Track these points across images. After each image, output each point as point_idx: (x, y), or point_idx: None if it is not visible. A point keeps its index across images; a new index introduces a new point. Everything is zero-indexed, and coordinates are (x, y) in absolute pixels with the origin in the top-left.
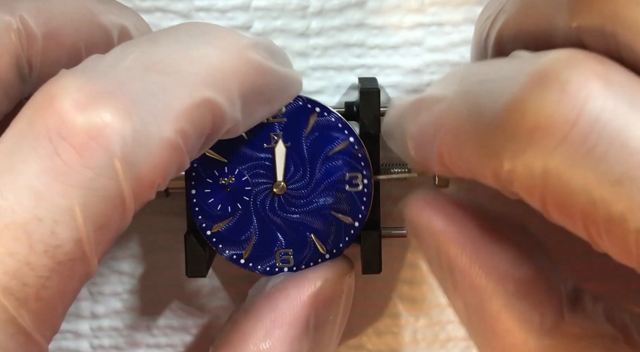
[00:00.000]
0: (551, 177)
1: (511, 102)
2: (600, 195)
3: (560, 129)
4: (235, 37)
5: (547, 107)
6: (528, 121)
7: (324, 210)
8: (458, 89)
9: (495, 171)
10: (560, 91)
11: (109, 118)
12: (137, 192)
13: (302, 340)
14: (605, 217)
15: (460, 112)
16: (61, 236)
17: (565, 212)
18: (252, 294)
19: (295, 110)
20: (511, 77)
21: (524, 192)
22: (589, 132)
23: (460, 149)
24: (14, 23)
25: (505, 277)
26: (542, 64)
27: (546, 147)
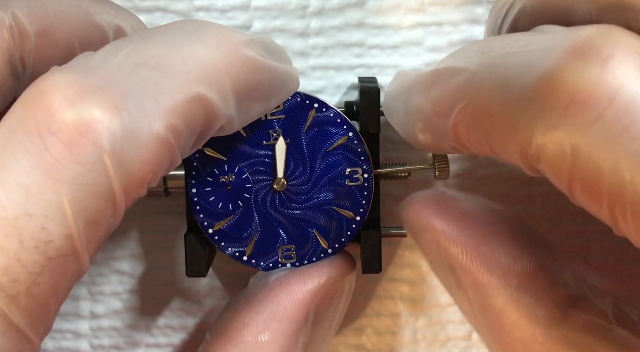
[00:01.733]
0: (582, 155)
1: (546, 74)
2: (630, 175)
3: (598, 105)
4: (228, 34)
5: (586, 82)
6: (564, 95)
7: (325, 205)
8: (481, 62)
9: (522, 147)
10: (600, 66)
11: (98, 114)
12: (127, 188)
13: (300, 334)
14: (633, 199)
15: (483, 84)
16: (51, 232)
17: (592, 193)
18: (254, 283)
19: (293, 107)
20: (545, 50)
21: (551, 170)
22: (625, 111)
23: (482, 124)
24: (7, 20)
25: (507, 272)
26: (581, 37)
27: (581, 123)
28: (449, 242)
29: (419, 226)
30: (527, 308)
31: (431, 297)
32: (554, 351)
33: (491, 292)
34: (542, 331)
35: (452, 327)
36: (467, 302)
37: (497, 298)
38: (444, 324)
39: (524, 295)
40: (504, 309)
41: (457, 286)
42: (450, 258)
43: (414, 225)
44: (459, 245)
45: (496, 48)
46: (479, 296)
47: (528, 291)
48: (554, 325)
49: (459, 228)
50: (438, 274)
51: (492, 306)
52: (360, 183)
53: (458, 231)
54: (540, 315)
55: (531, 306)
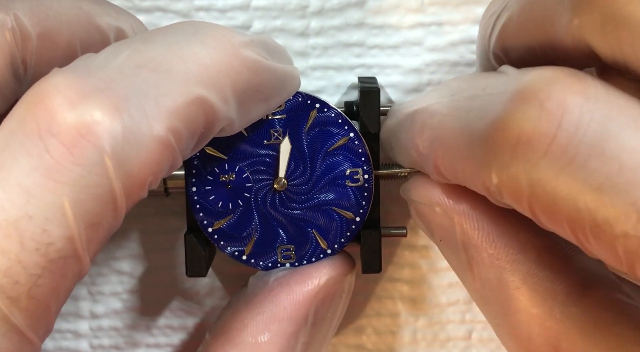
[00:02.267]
0: (537, 188)
1: (496, 119)
2: (584, 202)
3: (542, 142)
4: (229, 35)
5: (528, 123)
6: (511, 137)
7: (325, 206)
8: (449, 104)
9: (485, 184)
10: (539, 108)
11: (99, 116)
12: (128, 190)
13: (299, 335)
14: (591, 224)
15: (451, 127)
16: (52, 234)
17: (554, 220)
18: (253, 283)
19: (295, 107)
20: (496, 94)
21: (513, 203)
22: (568, 144)
23: (453, 162)
24: (9, 22)
25: (526, 245)
26: (523, 82)
27: (530, 160)
28: (463, 217)
29: (429, 202)
30: (546, 283)
31: (431, 297)
32: (573, 329)
33: (508, 267)
34: (560, 307)
35: (452, 327)
36: (478, 281)
37: (514, 273)
38: (444, 324)
39: (543, 270)
40: (521, 284)
41: (468, 265)
42: (464, 234)
43: (423, 201)
44: (474, 219)
45: (463, 90)
46: (493, 273)
47: (547, 265)
48: (573, 301)
49: (471, 203)
50: (447, 254)
51: (508, 282)
52: (360, 184)
53: (472, 206)
54: (559, 290)
55: (550, 281)
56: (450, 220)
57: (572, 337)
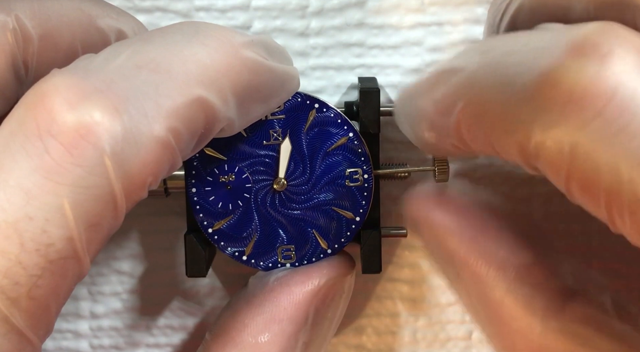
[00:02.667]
0: (580, 153)
1: (546, 72)
2: (628, 174)
3: (596, 102)
4: (229, 36)
5: (584, 79)
6: (563, 92)
7: (325, 206)
8: (481, 61)
9: (521, 145)
10: (599, 63)
11: (99, 116)
12: (128, 191)
13: (299, 335)
14: (630, 198)
15: (484, 83)
16: (52, 234)
17: (590, 191)
18: (253, 283)
19: (294, 107)
20: (544, 48)
21: (549, 168)
22: (624, 109)
23: (483, 122)
24: (10, 23)
25: (505, 264)
26: (580, 34)
27: (579, 121)
28: (448, 235)
29: (418, 219)
30: (525, 300)
31: (431, 297)
32: (552, 342)
33: (489, 284)
34: (540, 322)
35: (452, 327)
36: (466, 294)
37: (495, 290)
38: (444, 324)
39: (521, 287)
40: (502, 300)
41: (456, 279)
42: (449, 251)
43: (413, 218)
44: (457, 237)
45: (496, 47)
46: (477, 288)
47: (526, 282)
48: (552, 316)
49: (457, 221)
50: (439, 266)
51: (490, 297)
52: (360, 184)
53: (456, 224)
54: (538, 306)
55: (529, 298)
56: (437, 236)
57: (553, 351)
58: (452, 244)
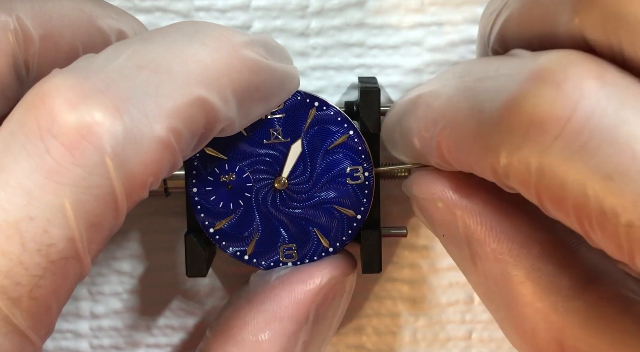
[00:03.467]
0: (546, 172)
1: (509, 99)
2: (592, 189)
3: (555, 125)
4: (229, 35)
5: (543, 105)
6: (524, 118)
7: (326, 204)
8: (458, 86)
9: (492, 166)
10: (556, 90)
11: (100, 116)
12: (129, 191)
13: (300, 334)
14: (597, 212)
15: (459, 108)
16: (53, 235)
17: (560, 207)
18: (255, 281)
19: (294, 106)
20: (510, 75)
21: (520, 186)
22: (582, 129)
23: (459, 144)
24: (11, 23)
25: (529, 239)
26: (540, 63)
27: (541, 143)
28: (466, 212)
29: (432, 197)
30: (549, 278)
31: (431, 297)
32: (576, 323)
33: (512, 262)
34: (564, 301)
35: (452, 327)
36: (482, 276)
37: (518, 268)
38: (444, 324)
39: (546, 264)
40: (525, 278)
41: (471, 260)
42: (467, 229)
43: (426, 197)
44: (477, 214)
45: (472, 72)
46: (496, 267)
47: (550, 259)
48: (577, 295)
49: (474, 198)
50: (450, 249)
51: (512, 276)
52: (361, 181)
53: (475, 201)
54: (562, 284)
55: (553, 276)
56: (452, 215)
57: (575, 331)
58: (470, 222)
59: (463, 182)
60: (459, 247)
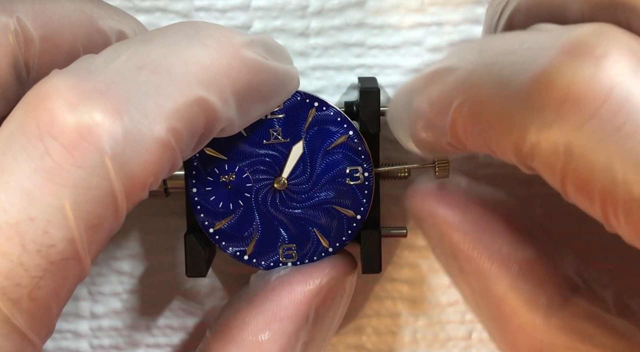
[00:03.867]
0: (575, 153)
1: (541, 72)
2: (623, 174)
3: (592, 103)
4: (229, 36)
5: (580, 80)
6: (558, 93)
7: (326, 204)
8: (477, 60)
9: (516, 145)
10: (594, 65)
11: (100, 117)
12: (129, 191)
13: (300, 334)
14: (625, 197)
15: (480, 82)
16: (54, 236)
17: (585, 191)
18: (255, 281)
19: (294, 106)
20: (540, 48)
21: (545, 168)
22: (619, 110)
23: (478, 121)
24: (12, 24)
25: (508, 259)
26: (576, 36)
27: (575, 122)
28: (451, 230)
29: (421, 213)
30: (527, 295)
31: (431, 297)
32: (553, 339)
33: (492, 279)
34: (542, 318)
35: (452, 327)
36: (469, 289)
37: (498, 285)
38: (444, 324)
39: (524, 282)
40: (505, 296)
41: (459, 274)
42: (452, 245)
43: (416, 213)
44: (461, 232)
45: (493, 46)
46: (480, 282)
47: (529, 278)
48: (554, 312)
49: (460, 216)
50: (441, 261)
51: (493, 293)
52: (360, 182)
53: (460, 219)
54: (540, 302)
55: (531, 293)
56: (440, 231)
57: (554, 347)
58: (456, 239)
59: (452, 199)
60: (448, 261)
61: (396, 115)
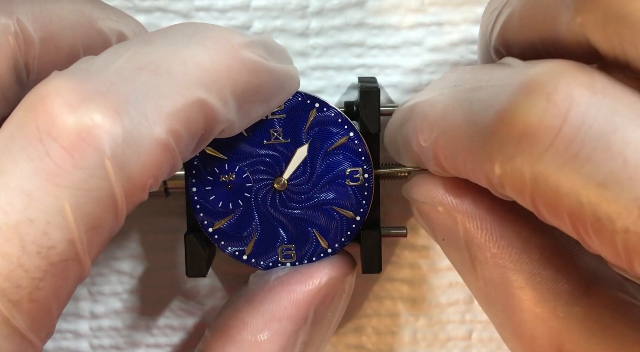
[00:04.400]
0: (539, 180)
1: (501, 110)
2: (586, 197)
3: (547, 135)
4: (228, 37)
5: (533, 116)
6: (516, 129)
7: (326, 205)
8: (452, 95)
9: (487, 175)
10: (546, 100)
11: (99, 119)
12: (128, 193)
13: (299, 334)
14: (592, 219)
15: (453, 118)
16: (53, 237)
17: (555, 214)
18: (254, 281)
19: (294, 106)
20: (501, 86)
21: (515, 195)
22: (573, 138)
23: (455, 153)
24: (12, 26)
25: (529, 245)
26: (530, 74)
27: (534, 153)
28: (466, 217)
29: (432, 201)
30: (549, 283)
31: (431, 297)
32: (574, 328)
33: (512, 267)
34: (563, 306)
35: (452, 327)
36: (481, 280)
37: (518, 273)
38: (444, 324)
39: (545, 269)
40: (525, 284)
41: (471, 264)
42: (467, 233)
43: (425, 200)
44: (477, 219)
45: (466, 81)
46: (496, 271)
47: (550, 265)
48: (576, 301)
49: (474, 202)
50: (450, 253)
51: (512, 281)
52: (360, 183)
53: (474, 206)
54: (562, 290)
55: (553, 281)
56: (453, 219)
57: (575, 337)
58: (471, 226)
59: (463, 187)
60: (459, 251)
61: (391, 142)
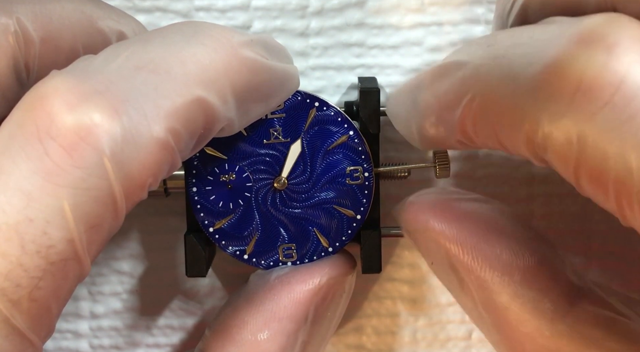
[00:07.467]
0: (588, 143)
1: (552, 62)
2: (637, 163)
3: (604, 92)
4: (228, 35)
5: (592, 69)
6: (570, 83)
7: (326, 204)
8: (486, 55)
9: (528, 137)
10: (606, 53)
11: (98, 118)
12: (128, 192)
13: (299, 334)
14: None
15: (489, 76)
16: (53, 236)
17: (598, 182)
18: (254, 281)
19: (294, 106)
20: (551, 39)
21: (558, 159)
22: (632, 98)
23: (489, 115)
24: (12, 25)
25: (509, 268)
26: (587, 25)
27: (588, 111)
28: (449, 242)
29: (417, 227)
30: (532, 303)
31: (431, 297)
32: (561, 345)
33: (495, 289)
34: (548, 324)
35: (452, 327)
36: (470, 301)
37: (501, 295)
38: (444, 324)
39: (528, 290)
40: (509, 305)
41: (459, 286)
42: (452, 258)
43: (412, 227)
44: (459, 244)
45: (501, 40)
46: (482, 293)
47: (532, 285)
48: (560, 318)
49: (458, 227)
50: (439, 275)
51: (497, 302)
52: (361, 182)
53: (457, 230)
54: (545, 309)
55: (536, 301)
56: (438, 244)
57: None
58: (454, 252)
59: (447, 211)
60: (447, 274)
61: (397, 111)
